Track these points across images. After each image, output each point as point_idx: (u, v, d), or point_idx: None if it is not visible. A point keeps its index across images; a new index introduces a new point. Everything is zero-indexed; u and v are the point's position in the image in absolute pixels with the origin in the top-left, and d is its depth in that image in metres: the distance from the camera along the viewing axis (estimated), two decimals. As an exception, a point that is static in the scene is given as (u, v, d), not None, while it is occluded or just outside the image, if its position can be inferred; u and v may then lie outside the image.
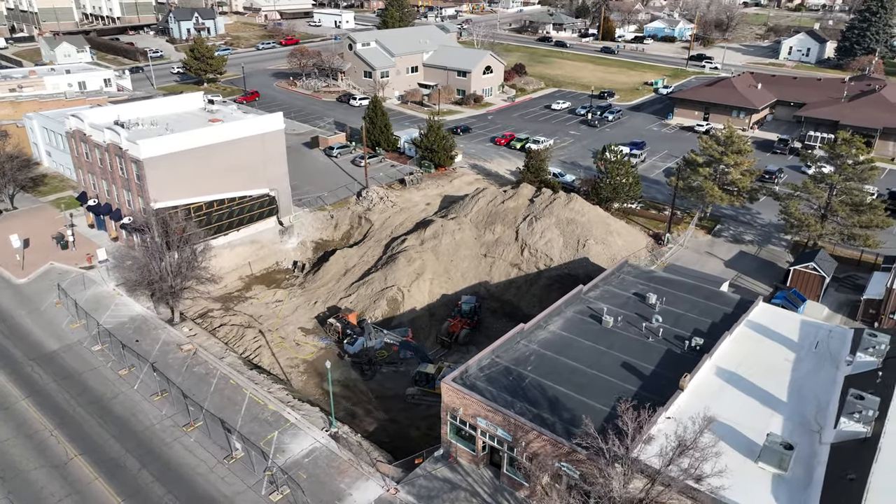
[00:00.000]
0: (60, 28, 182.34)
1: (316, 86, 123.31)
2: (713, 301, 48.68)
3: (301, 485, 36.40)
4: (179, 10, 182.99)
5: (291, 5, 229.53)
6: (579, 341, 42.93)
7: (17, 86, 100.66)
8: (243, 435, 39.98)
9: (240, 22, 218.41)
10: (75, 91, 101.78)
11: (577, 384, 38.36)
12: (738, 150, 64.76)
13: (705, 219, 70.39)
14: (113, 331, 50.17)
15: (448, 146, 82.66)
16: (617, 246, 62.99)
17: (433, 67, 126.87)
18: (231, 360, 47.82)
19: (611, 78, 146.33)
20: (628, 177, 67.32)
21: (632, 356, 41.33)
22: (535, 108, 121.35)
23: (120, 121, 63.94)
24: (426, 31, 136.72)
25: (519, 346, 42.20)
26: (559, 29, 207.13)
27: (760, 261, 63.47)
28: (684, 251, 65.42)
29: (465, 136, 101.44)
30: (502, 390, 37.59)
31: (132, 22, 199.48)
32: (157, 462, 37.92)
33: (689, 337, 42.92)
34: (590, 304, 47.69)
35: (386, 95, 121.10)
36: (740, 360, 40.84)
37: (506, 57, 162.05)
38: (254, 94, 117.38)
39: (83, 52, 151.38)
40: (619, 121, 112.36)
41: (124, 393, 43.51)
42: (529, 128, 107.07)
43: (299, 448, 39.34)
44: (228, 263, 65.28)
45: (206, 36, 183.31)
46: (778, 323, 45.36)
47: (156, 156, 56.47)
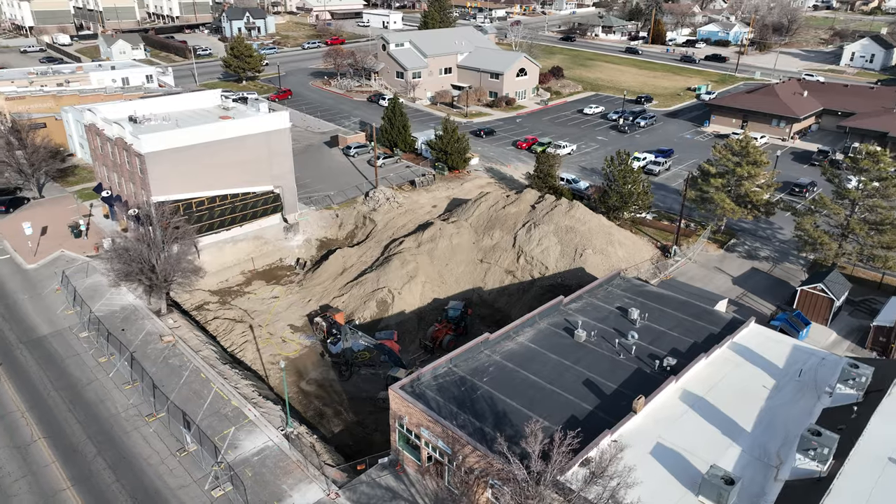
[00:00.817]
0: (122, 26, 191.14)
1: (348, 85, 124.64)
2: (701, 320, 46.19)
3: (245, 483, 36.54)
4: (232, 9, 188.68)
5: (342, 6, 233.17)
6: (545, 355, 41.48)
7: (64, 80, 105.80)
8: (201, 429, 40.52)
9: (292, 21, 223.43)
10: (117, 86, 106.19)
11: (530, 399, 37.01)
12: (754, 161, 61.25)
13: (719, 232, 67.03)
14: (103, 319, 51.87)
15: (462, 149, 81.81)
16: (617, 257, 60.73)
17: (467, 69, 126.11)
18: (207, 353, 48.58)
19: (653, 82, 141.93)
20: (637, 185, 64.76)
21: (597, 373, 39.61)
22: (567, 111, 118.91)
23: (134, 116, 66.17)
24: (463, 32, 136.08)
25: (481, 357, 41.12)
26: (608, 32, 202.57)
27: (772, 279, 59.91)
28: (691, 265, 62.48)
29: (487, 138, 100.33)
30: (450, 401, 36.65)
31: (190, 21, 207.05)
32: (114, 450, 38.82)
33: (663, 356, 40.88)
34: (567, 317, 46.07)
35: (417, 96, 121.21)
36: (713, 384, 38.53)
37: (548, 59, 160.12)
38: (286, 92, 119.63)
39: (137, 50, 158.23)
40: (651, 127, 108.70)
41: (99, 380, 44.82)
42: (558, 132, 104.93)
43: (252, 446, 39.51)
44: (231, 258, 66.56)
45: (255, 35, 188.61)
46: (766, 347, 42.59)
47: (157, 150, 58.06)
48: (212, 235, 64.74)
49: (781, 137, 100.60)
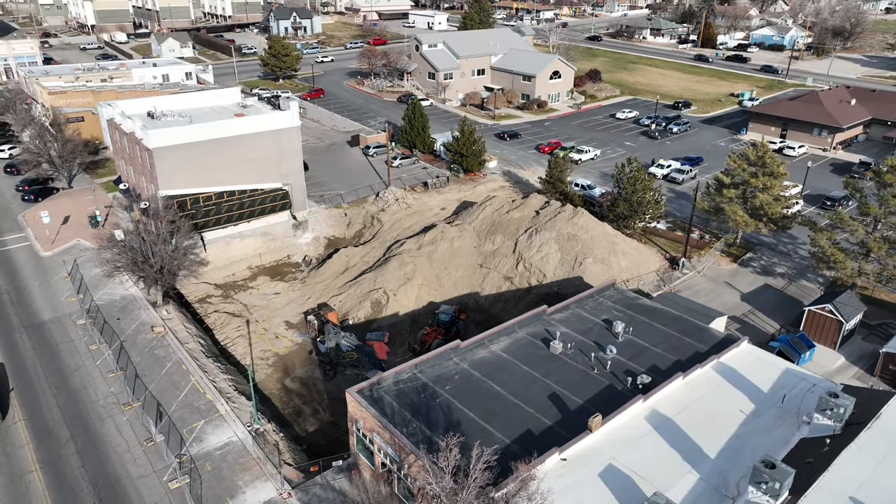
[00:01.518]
0: (176, 25, 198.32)
1: (380, 85, 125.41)
2: (690, 337, 44.06)
3: (202, 476, 36.98)
4: (279, 9, 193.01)
5: (390, 6, 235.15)
6: (516, 365, 40.38)
7: (108, 77, 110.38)
8: (172, 420, 41.31)
9: (340, 22, 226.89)
10: (156, 83, 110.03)
11: (488, 411, 36.04)
12: (771, 172, 58.09)
13: (734, 245, 63.96)
14: (102, 307, 53.64)
15: (478, 151, 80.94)
16: (619, 267, 58.72)
17: (500, 71, 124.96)
18: (193, 346, 49.51)
19: (695, 87, 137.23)
20: (646, 193, 62.44)
21: (565, 387, 38.28)
22: (599, 116, 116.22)
23: (153, 112, 68.31)
24: (498, 34, 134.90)
25: (448, 364, 40.35)
26: (657, 34, 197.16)
27: (784, 297, 56.71)
28: (699, 279, 59.84)
29: (511, 141, 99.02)
30: (406, 407, 36.08)
31: (241, 20, 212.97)
32: (86, 436, 39.96)
33: (639, 374, 39.20)
34: (549, 327, 44.75)
35: (448, 97, 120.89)
36: (685, 405, 36.64)
37: (589, 62, 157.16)
38: (318, 91, 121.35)
39: (186, 48, 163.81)
40: (685, 133, 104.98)
41: (86, 367, 46.30)
42: (585, 136, 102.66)
43: (217, 440, 39.95)
44: (238, 253, 67.78)
45: (301, 35, 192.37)
46: (754, 369, 40.24)
47: (165, 146, 59.65)
48: (219, 230, 66.12)
49: (823, 147, 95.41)
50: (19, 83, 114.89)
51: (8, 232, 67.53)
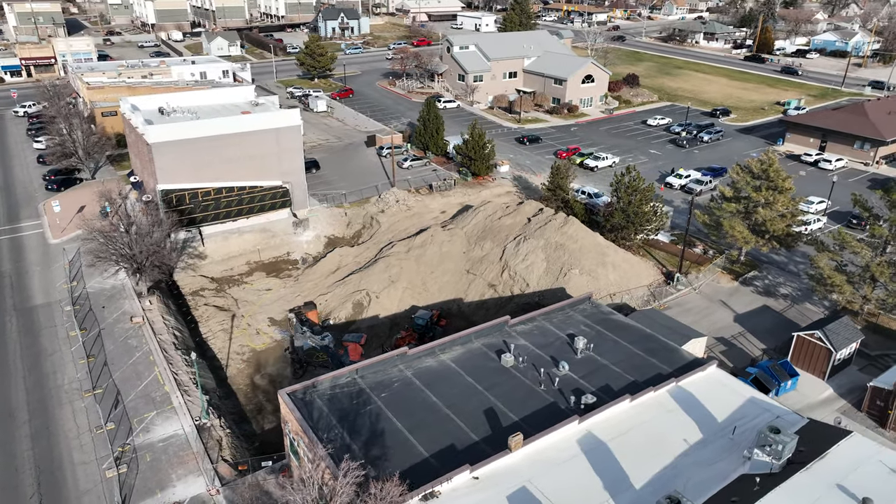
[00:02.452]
0: (231, 24, 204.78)
1: (411, 86, 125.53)
2: (655, 357, 41.78)
3: (140, 467, 37.65)
4: (327, 10, 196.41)
5: (440, 8, 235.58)
6: (461, 376, 39.25)
7: (148, 73, 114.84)
8: (127, 409, 42.31)
9: (390, 23, 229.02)
10: (193, 80, 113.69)
11: (418, 422, 35.13)
12: (775, 186, 54.48)
13: (738, 263, 60.42)
14: (92, 295, 55.61)
15: (487, 155, 79.69)
16: (608, 280, 56.46)
17: (532, 74, 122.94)
18: (166, 337, 50.60)
19: (740, 94, 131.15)
20: (643, 204, 59.75)
21: (505, 402, 36.93)
22: (630, 122, 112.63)
23: (163, 108, 70.53)
24: (534, 36, 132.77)
25: (392, 371, 39.64)
26: (710, 39, 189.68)
27: (782, 321, 53.11)
28: (694, 296, 56.83)
29: (531, 146, 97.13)
30: (334, 413, 35.60)
31: (294, 20, 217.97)
32: (42, 419, 41.38)
33: (586, 393, 37.44)
34: (508, 338, 43.38)
35: (476, 100, 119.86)
36: (626, 430, 34.69)
37: (633, 66, 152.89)
38: (348, 90, 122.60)
39: (234, 46, 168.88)
40: (717, 142, 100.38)
41: (60, 352, 48.04)
42: (609, 143, 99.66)
43: (163, 432, 40.60)
44: (236, 248, 69.04)
45: (348, 35, 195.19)
46: (714, 395, 37.77)
47: (164, 141, 61.33)
48: (217, 225, 67.54)
49: (864, 162, 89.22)
50: (69, 78, 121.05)
51: (26, 219, 71.06)
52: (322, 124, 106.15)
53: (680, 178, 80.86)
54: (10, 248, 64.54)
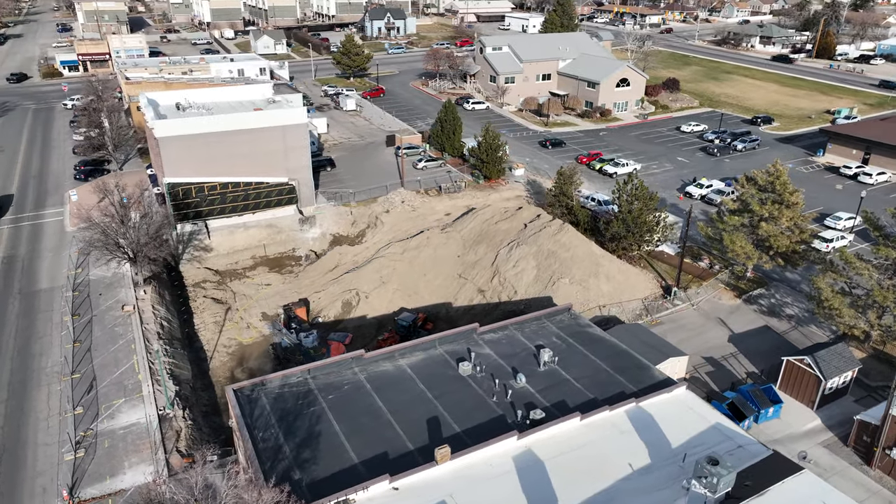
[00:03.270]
0: (282, 24, 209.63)
1: (442, 87, 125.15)
2: (623, 374, 39.99)
3: (96, 453, 38.67)
4: (374, 10, 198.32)
5: (489, 9, 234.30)
6: (413, 383, 38.62)
7: (189, 70, 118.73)
8: (99, 395, 43.60)
9: (438, 23, 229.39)
10: (228, 76, 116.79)
11: (357, 427, 34.72)
12: (781, 200, 51.21)
13: (744, 279, 57.18)
14: (93, 282, 57.69)
15: (499, 158, 78.39)
16: (599, 291, 54.46)
17: (566, 76, 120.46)
18: (152, 326, 51.87)
19: (788, 102, 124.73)
20: (643, 213, 57.32)
21: (451, 413, 36.08)
22: (663, 128, 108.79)
23: (181, 103, 72.61)
24: (571, 38, 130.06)
25: (346, 373, 39.37)
26: (767, 43, 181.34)
27: (781, 343, 49.89)
28: (691, 312, 54.15)
29: (553, 150, 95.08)
30: (276, 412, 35.58)
31: (343, 20, 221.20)
32: (18, 400, 43.10)
33: (540, 407, 36.19)
34: (472, 346, 42.43)
35: (507, 102, 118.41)
36: (569, 449, 33.27)
37: (680, 70, 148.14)
38: (379, 90, 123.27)
39: (280, 45, 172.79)
40: (752, 151, 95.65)
41: (50, 336, 49.99)
42: (639, 149, 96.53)
43: (127, 419, 41.58)
44: (242, 242, 70.32)
45: (393, 35, 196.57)
46: (675, 419, 35.81)
47: (170, 136, 63.02)
48: (223, 219, 68.96)
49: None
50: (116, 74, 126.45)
51: (51, 206, 74.47)
52: (349, 123, 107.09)
53: (701, 187, 77.42)
54: (30, 233, 67.78)
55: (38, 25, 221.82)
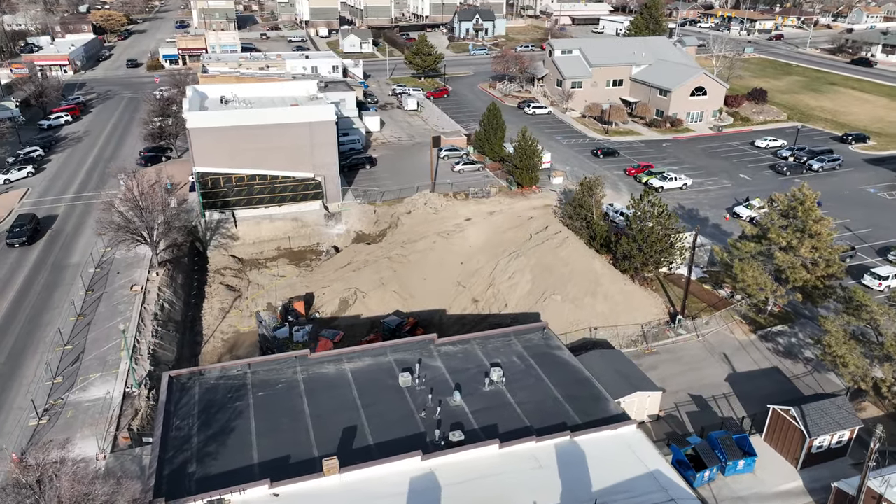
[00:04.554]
0: (376, 23, 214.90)
1: (507, 90, 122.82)
2: (572, 404, 37.14)
3: (58, 422, 41.07)
4: (463, 11, 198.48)
5: (586, 11, 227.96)
6: (348, 389, 37.85)
7: (265, 65, 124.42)
8: (82, 367, 46.34)
9: (532, 25, 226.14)
10: (301, 73, 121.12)
11: (273, 427, 34.45)
12: (802, 228, 45.30)
13: (764, 313, 51.31)
14: (116, 261, 61.53)
15: (533, 165, 75.64)
16: (594, 311, 50.98)
17: (639, 83, 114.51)
18: (153, 307, 54.46)
19: (894, 119, 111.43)
20: (654, 232, 52.92)
21: (373, 423, 35.01)
22: (737, 141, 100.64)
23: (225, 96, 76.10)
24: (649, 42, 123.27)
25: (286, 371, 39.23)
26: (890, 52, 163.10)
27: (787, 389, 44.30)
28: (694, 344, 49.39)
29: (604, 159, 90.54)
30: (201, 403, 36.03)
31: (436, 20, 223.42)
32: (13, 365, 46.59)
33: (460, 429, 34.30)
34: (425, 357, 41.00)
35: (572, 107, 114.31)
36: (474, 477, 31.27)
37: (778, 79, 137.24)
38: (444, 90, 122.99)
39: (366, 44, 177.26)
40: (831, 172, 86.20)
41: (61, 308, 53.79)
42: (700, 163, 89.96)
43: (96, 393, 43.84)
44: (267, 233, 72.52)
45: (481, 37, 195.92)
46: (610, 459, 32.78)
47: (201, 127, 66.00)
48: (249, 210, 71.39)
49: None
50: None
51: (110, 187, 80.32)
52: (405, 122, 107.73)
53: (751, 208, 70.65)
54: (82, 211, 73.50)
55: (163, 22, 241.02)
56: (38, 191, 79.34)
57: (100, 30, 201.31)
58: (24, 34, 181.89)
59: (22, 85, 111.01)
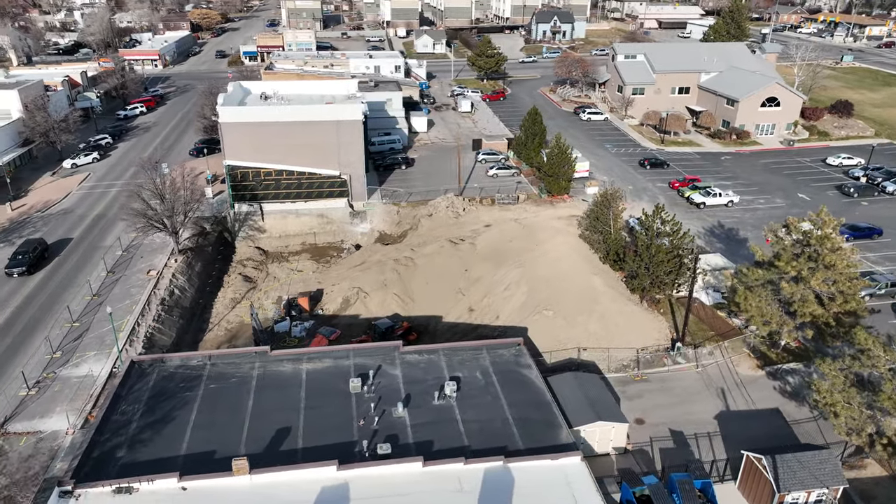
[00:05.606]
0: (456, 24, 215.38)
1: (567, 94, 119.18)
2: (522, 427, 35.47)
3: (44, 394, 43.57)
4: (541, 13, 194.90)
5: (674, 14, 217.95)
6: (297, 390, 37.89)
7: (330, 63, 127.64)
8: (82, 345, 49.01)
9: (615, 28, 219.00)
10: (363, 72, 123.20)
11: (209, 421, 35.09)
12: (813, 256, 40.50)
13: (777, 348, 46.49)
14: (143, 246, 64.75)
15: (564, 173, 72.82)
16: (586, 330, 48.19)
17: (706, 91, 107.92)
18: (164, 293, 56.76)
19: None
20: (661, 252, 49.21)
21: (309, 427, 34.89)
22: (807, 158, 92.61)
23: (266, 93, 78.47)
24: (722, 48, 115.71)
25: (245, 366, 39.71)
26: None
27: (782, 434, 39.84)
28: (692, 375, 45.57)
29: (651, 171, 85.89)
30: (153, 390, 37.12)
31: (517, 22, 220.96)
32: (23, 336, 49.96)
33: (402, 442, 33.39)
34: (385, 364, 40.30)
35: (631, 115, 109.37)
36: (383, 494, 30.35)
37: (874, 91, 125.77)
38: (500, 93, 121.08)
39: (439, 45, 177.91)
40: (907, 196, 77.51)
41: (80, 286, 57.16)
42: (757, 179, 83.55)
43: (87, 370, 46.16)
44: (293, 228, 74.10)
45: (558, 39, 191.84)
46: (539, 492, 31.01)
47: (232, 121, 68.24)
48: (276, 204, 73.11)
49: None
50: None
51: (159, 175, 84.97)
52: (454, 124, 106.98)
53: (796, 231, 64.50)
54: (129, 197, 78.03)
55: (257, 21, 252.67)
56: (97, 176, 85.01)
57: (196, 27, 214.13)
58: (130, 31, 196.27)
59: (106, 78, 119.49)
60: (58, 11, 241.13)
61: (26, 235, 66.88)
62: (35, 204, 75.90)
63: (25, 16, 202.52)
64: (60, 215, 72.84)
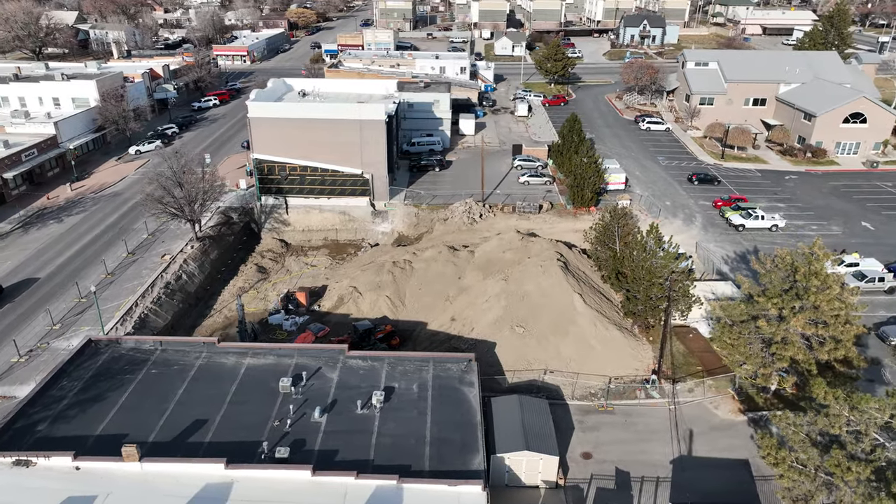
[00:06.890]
0: (544, 27, 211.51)
1: (631, 101, 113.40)
2: (438, 447, 34.39)
3: (31, 363, 46.84)
4: (630, 16, 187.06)
5: (781, 20, 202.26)
6: (228, 384, 38.31)
7: (395, 63, 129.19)
8: (82, 318, 52.37)
9: (714, 34, 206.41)
10: (427, 73, 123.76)
11: (135, 405, 36.30)
12: (801, 295, 35.50)
13: (769, 392, 41.46)
14: (167, 231, 68.28)
15: (588, 184, 69.25)
16: (556, 351, 45.42)
17: (784, 104, 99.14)
18: (171, 277, 59.48)
19: None
20: (655, 277, 45.36)
21: (224, 422, 35.36)
22: (889, 182, 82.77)
23: (304, 90, 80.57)
24: (809, 57, 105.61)
25: (191, 354, 40.72)
26: None
27: (745, 491, 35.43)
28: (662, 412, 41.74)
29: (700, 187, 79.89)
30: (98, 370, 38.82)
31: (608, 25, 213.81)
32: (33, 308, 53.96)
33: (305, 447, 32.98)
34: (325, 367, 40.04)
35: (697, 125, 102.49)
36: (268, 499, 29.93)
37: None
38: (561, 98, 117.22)
39: (518, 47, 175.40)
40: None
41: (96, 264, 61.06)
42: (818, 203, 75.75)
43: (75, 343, 49.04)
44: (316, 223, 75.54)
45: (647, 44, 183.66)
46: (421, 518, 29.24)
47: (260, 117, 70.44)
48: (300, 198, 74.73)
49: None
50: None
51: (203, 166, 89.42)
52: (506, 128, 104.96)
53: (840, 263, 57.77)
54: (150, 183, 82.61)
55: (353, 20, 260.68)
56: (155, 162, 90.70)
57: (293, 25, 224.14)
58: (233, 28, 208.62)
59: (187, 71, 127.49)
60: (176, 10, 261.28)
61: (76, 214, 72.71)
62: (93, 185, 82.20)
63: (144, 13, 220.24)
64: (110, 197, 78.41)
